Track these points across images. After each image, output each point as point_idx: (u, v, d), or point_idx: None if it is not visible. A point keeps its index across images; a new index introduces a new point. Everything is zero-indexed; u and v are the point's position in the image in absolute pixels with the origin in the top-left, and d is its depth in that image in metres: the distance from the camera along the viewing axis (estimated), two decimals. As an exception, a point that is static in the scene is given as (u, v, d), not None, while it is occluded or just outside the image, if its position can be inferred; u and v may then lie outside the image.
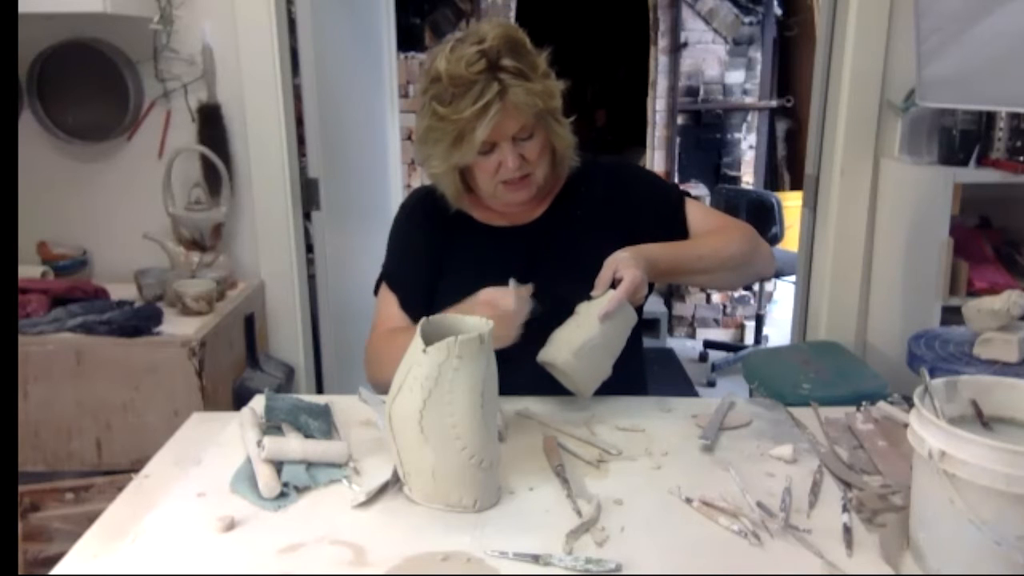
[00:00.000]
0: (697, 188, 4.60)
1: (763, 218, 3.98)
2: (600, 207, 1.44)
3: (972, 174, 2.09)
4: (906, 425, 0.93)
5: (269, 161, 2.29)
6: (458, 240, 1.45)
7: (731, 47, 4.47)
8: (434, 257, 1.44)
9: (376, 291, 1.51)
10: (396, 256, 1.51)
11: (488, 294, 1.21)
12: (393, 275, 1.48)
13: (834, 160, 2.34)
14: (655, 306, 4.64)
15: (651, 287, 1.34)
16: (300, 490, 1.07)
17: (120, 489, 1.13)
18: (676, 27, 4.43)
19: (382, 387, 1.41)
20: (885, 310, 2.34)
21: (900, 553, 0.93)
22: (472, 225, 1.46)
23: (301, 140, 2.36)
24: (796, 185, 4.73)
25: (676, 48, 4.45)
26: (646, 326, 1.61)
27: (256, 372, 2.20)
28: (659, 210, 1.45)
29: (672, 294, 4.74)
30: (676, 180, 4.58)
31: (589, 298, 1.25)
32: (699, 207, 1.48)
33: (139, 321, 1.88)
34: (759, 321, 4.42)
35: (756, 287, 4.41)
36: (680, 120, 4.55)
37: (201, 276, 2.10)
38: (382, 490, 1.06)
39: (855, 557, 0.92)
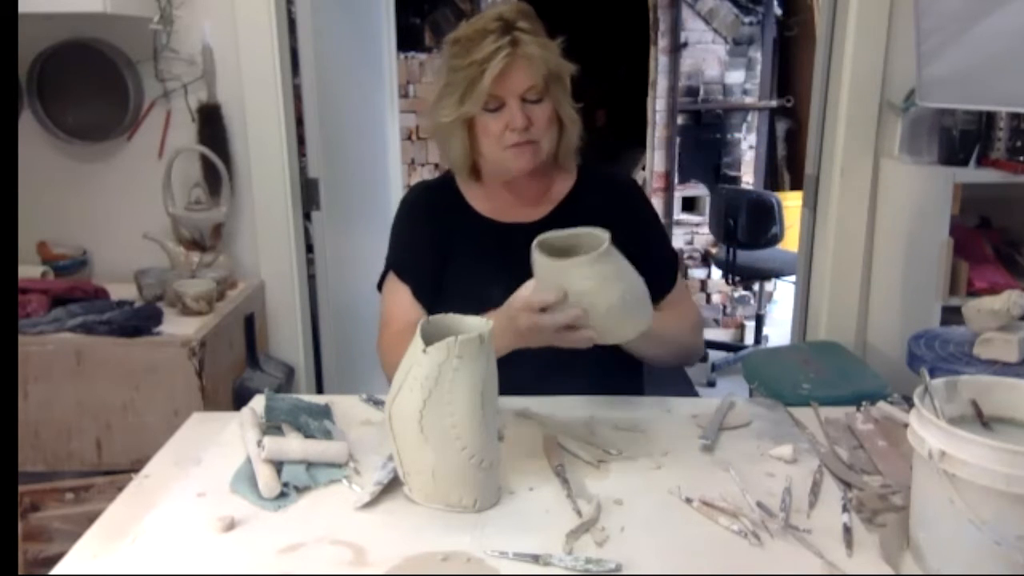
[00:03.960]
0: (697, 188, 4.60)
1: (763, 218, 3.96)
2: (605, 218, 1.42)
3: (972, 174, 2.09)
4: (906, 425, 0.93)
5: (269, 161, 2.29)
6: (462, 234, 1.45)
7: (731, 47, 4.46)
8: (439, 249, 1.44)
9: (380, 287, 1.49)
10: (402, 247, 1.49)
11: (522, 300, 1.16)
12: (402, 266, 1.46)
13: (834, 160, 2.34)
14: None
15: None
16: (300, 490, 1.07)
17: (120, 489, 1.13)
18: (676, 27, 4.43)
19: None
20: (885, 310, 2.34)
21: (900, 553, 0.93)
22: (476, 219, 1.46)
23: (301, 140, 2.36)
24: (796, 185, 4.72)
25: (676, 48, 4.45)
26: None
27: (256, 372, 2.20)
28: (653, 252, 1.44)
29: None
30: (676, 180, 4.57)
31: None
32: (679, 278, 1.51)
33: (139, 321, 1.88)
34: (759, 321, 4.42)
35: (756, 287, 4.41)
36: (680, 120, 4.55)
37: (201, 276, 2.10)
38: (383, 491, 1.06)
39: (855, 557, 0.92)
